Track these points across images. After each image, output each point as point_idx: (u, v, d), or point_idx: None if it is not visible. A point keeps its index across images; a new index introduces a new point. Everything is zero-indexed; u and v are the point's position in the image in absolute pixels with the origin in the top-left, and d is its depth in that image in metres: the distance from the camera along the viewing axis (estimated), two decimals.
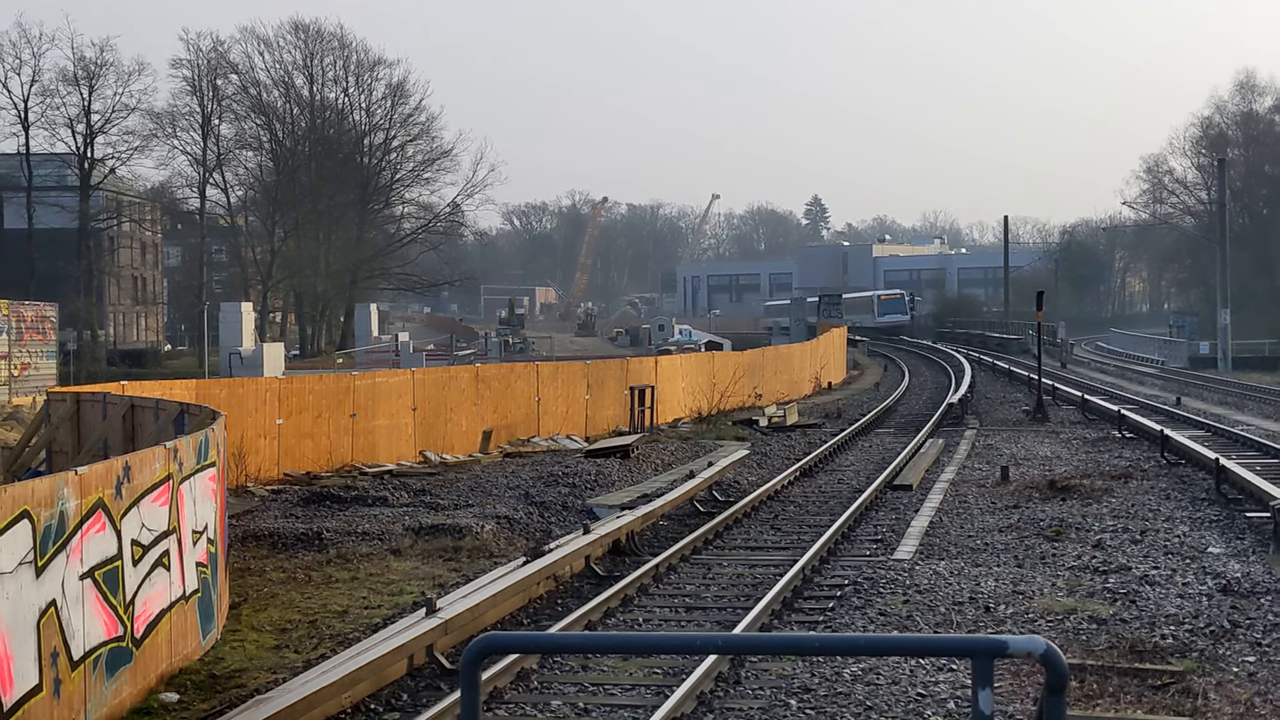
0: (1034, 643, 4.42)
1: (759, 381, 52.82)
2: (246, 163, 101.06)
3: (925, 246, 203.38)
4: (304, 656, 14.31)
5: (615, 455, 31.23)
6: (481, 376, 36.26)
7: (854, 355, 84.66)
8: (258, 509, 24.14)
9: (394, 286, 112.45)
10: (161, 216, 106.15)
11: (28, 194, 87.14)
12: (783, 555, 19.81)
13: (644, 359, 48.42)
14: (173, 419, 20.46)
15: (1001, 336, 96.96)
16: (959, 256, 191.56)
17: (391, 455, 31.68)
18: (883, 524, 22.95)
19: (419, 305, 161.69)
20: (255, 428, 27.97)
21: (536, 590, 17.03)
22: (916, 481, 27.99)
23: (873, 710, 12.09)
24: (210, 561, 14.95)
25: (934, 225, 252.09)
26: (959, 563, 19.06)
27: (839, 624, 15.58)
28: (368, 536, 21.06)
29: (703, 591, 17.60)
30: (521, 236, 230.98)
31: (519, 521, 22.90)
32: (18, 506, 10.28)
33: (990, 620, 15.68)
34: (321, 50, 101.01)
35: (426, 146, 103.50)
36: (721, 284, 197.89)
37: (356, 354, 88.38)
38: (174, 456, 13.76)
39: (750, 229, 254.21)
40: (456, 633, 14.26)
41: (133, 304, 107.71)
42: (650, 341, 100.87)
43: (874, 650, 4.28)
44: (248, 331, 71.95)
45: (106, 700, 11.75)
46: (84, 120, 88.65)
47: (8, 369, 54.63)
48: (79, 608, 11.25)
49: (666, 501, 22.95)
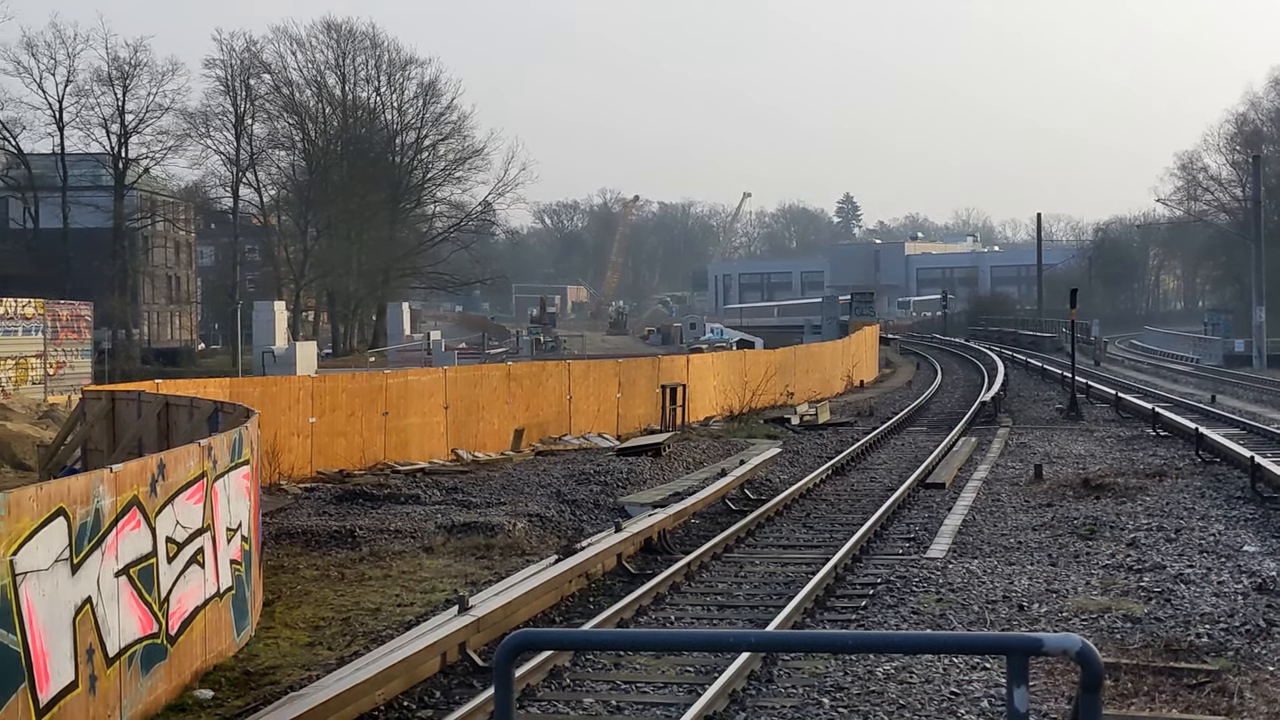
0: (1069, 641, 4.40)
1: (791, 380, 52.74)
2: (279, 162, 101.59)
3: (958, 244, 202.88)
4: (337, 653, 14.36)
5: (647, 453, 31.23)
6: (513, 375, 36.30)
7: (886, 353, 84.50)
8: (291, 507, 24.22)
9: (425, 285, 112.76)
10: (195, 216, 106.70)
11: (63, 194, 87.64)
12: (815, 553, 19.77)
13: (675, 357, 48.40)
14: (207, 417, 20.54)
15: (1035, 334, 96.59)
16: (992, 254, 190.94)
17: (424, 453, 31.75)
18: (915, 522, 22.88)
19: (450, 304, 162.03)
20: (288, 426, 28.07)
21: (569, 588, 17.04)
22: (949, 480, 27.89)
23: (906, 709, 12.05)
24: (244, 559, 15.01)
25: (966, 223, 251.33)
26: (992, 561, 18.99)
27: (871, 623, 15.54)
28: (400, 534, 21.11)
29: (735, 590, 17.58)
30: (553, 235, 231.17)
31: (551, 519, 22.92)
32: (53, 504, 10.34)
33: (1024, 619, 15.61)
34: (353, 50, 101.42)
35: (458, 145, 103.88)
36: (753, 282, 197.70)
37: (388, 352, 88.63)
38: (208, 454, 13.82)
39: (782, 227, 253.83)
40: (489, 630, 14.28)
41: (167, 303, 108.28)
42: (681, 340, 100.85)
43: (909, 648, 4.26)
44: (280, 330, 72.20)
45: (142, 697, 11.81)
46: (118, 120, 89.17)
47: (43, 368, 54.98)
48: (114, 605, 11.30)
49: (698, 500, 22.94)
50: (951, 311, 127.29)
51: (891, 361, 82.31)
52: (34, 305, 55.86)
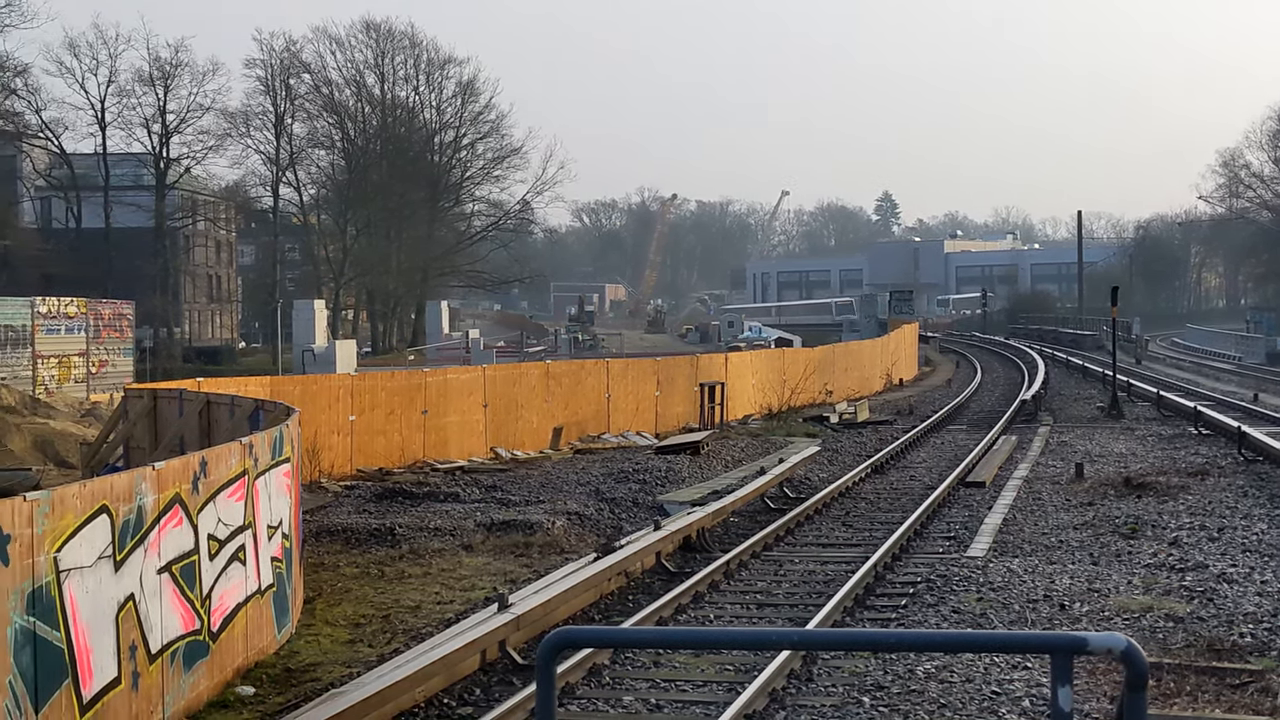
0: (1114, 640, 4.37)
1: (829, 378, 52.64)
2: (319, 161, 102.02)
3: (998, 242, 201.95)
4: (377, 651, 14.41)
5: (685, 452, 31.21)
6: (552, 373, 36.36)
7: (925, 351, 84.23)
8: (331, 505, 24.33)
9: (464, 284, 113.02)
10: (235, 215, 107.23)
11: (105, 194, 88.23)
12: (854, 552, 19.72)
13: (714, 355, 48.38)
14: (248, 415, 20.65)
15: (1075, 333, 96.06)
16: (1032, 252, 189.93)
17: (463, 451, 31.82)
18: (955, 521, 22.80)
19: (489, 302, 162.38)
20: (328, 424, 28.19)
21: (608, 586, 17.05)
22: (989, 478, 27.77)
23: (947, 708, 12.00)
24: (285, 556, 15.07)
25: (1006, 221, 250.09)
26: (1033, 560, 18.90)
27: (911, 621, 15.49)
28: (440, 532, 21.16)
29: (774, 588, 17.55)
30: (591, 234, 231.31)
31: (590, 518, 22.94)
32: (97, 501, 10.41)
33: (1065, 618, 15.53)
34: (392, 49, 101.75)
35: (496, 144, 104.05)
36: (791, 280, 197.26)
37: (427, 351, 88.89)
38: (249, 452, 13.89)
39: (820, 225, 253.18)
40: (528, 628, 14.31)
41: (208, 301, 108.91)
42: (719, 338, 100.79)
43: (952, 647, 4.24)
44: (320, 329, 72.48)
45: (184, 693, 11.88)
46: (159, 120, 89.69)
47: (86, 366, 55.37)
48: (157, 601, 11.37)
49: (737, 498, 22.92)
50: (991, 310, 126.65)
51: (931, 360, 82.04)
52: (77, 304, 56.26)
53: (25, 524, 9.36)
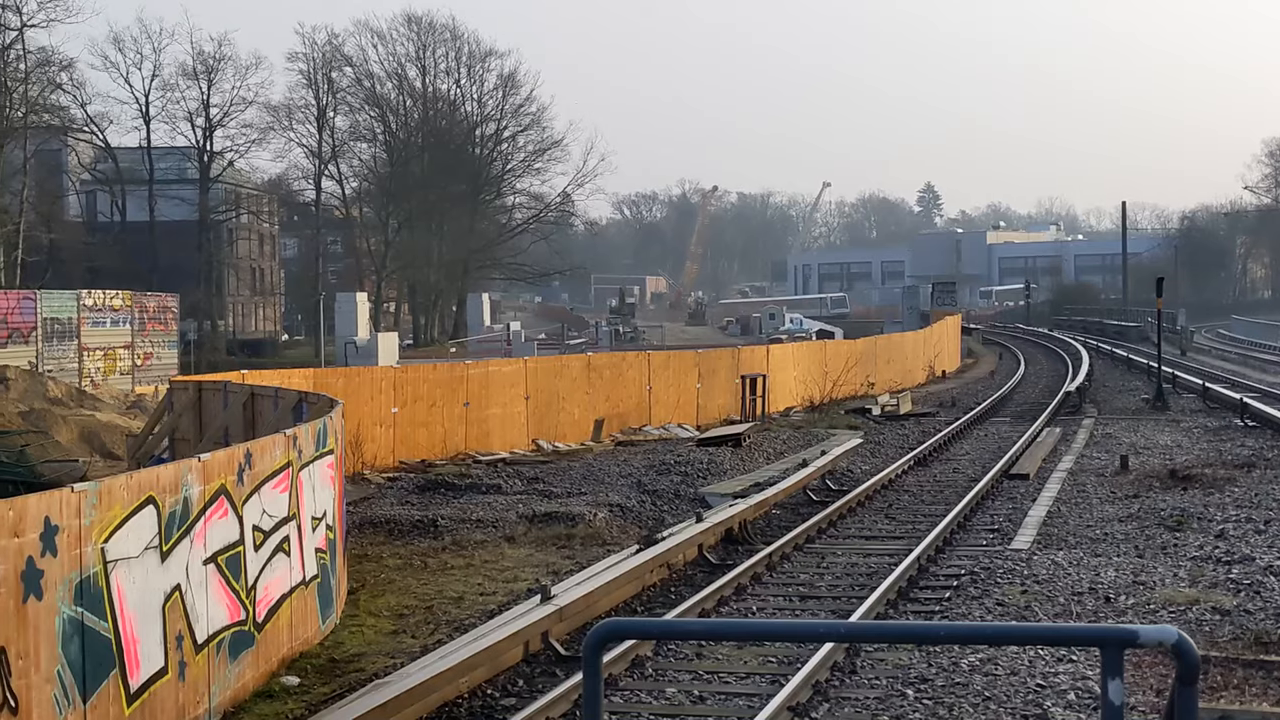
0: (1165, 633, 4.33)
1: (871, 370, 52.48)
2: (360, 154, 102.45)
3: (1041, 233, 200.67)
4: (421, 642, 14.45)
5: (727, 444, 31.17)
6: (593, 365, 36.38)
7: (968, 343, 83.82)
8: (374, 496, 24.42)
9: (505, 276, 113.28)
10: (278, 208, 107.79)
11: (149, 187, 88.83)
12: (897, 544, 19.65)
13: (755, 348, 48.28)
14: (291, 407, 20.74)
15: (1119, 324, 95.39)
16: (1076, 243, 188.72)
17: (505, 443, 31.89)
18: (999, 513, 22.69)
19: (530, 295, 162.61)
20: (371, 416, 28.30)
21: (650, 578, 17.05)
22: (1034, 471, 27.63)
23: (991, 701, 11.95)
24: (329, 548, 15.14)
25: (1050, 212, 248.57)
26: (1078, 553, 18.79)
27: (955, 614, 15.42)
28: (482, 524, 21.21)
29: (816, 580, 17.50)
30: (632, 226, 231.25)
31: (631, 509, 22.94)
32: (143, 493, 10.48)
33: (1111, 611, 15.44)
34: (434, 42, 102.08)
35: (537, 137, 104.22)
36: (832, 272, 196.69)
37: (469, 343, 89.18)
38: (294, 444, 13.94)
39: (862, 217, 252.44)
40: (571, 620, 14.33)
41: (251, 294, 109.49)
42: (761, 330, 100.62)
43: (1000, 639, 4.21)
44: (362, 321, 72.86)
45: (230, 683, 11.95)
46: (203, 114, 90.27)
47: (131, 358, 55.79)
48: (202, 592, 11.44)
49: (779, 490, 22.87)
50: (1035, 301, 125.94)
51: (974, 352, 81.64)
52: (122, 297, 56.69)
53: (73, 515, 9.43)
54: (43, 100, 73.57)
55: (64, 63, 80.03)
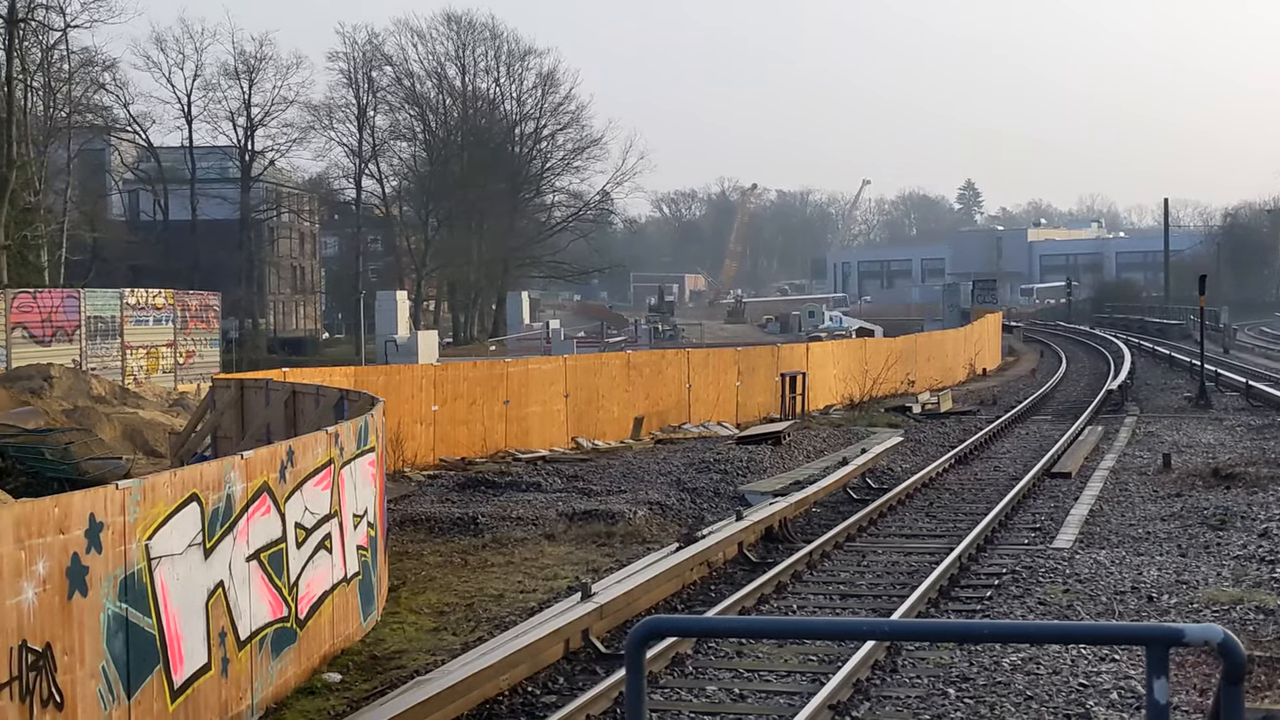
0: (1211, 631, 4.30)
1: (911, 368, 52.30)
2: (400, 153, 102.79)
3: (1082, 230, 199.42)
4: (461, 639, 14.49)
5: (767, 442, 31.13)
6: (632, 363, 36.39)
7: (1009, 341, 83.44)
8: (415, 494, 24.51)
9: (544, 274, 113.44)
10: (319, 207, 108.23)
11: (191, 186, 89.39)
12: (938, 543, 19.59)
13: (795, 346, 48.20)
14: (333, 405, 20.82)
15: (1161, 322, 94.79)
16: (1117, 240, 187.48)
17: (544, 441, 31.94)
18: (1041, 512, 22.59)
19: (569, 293, 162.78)
20: (411, 414, 28.39)
21: (690, 576, 17.04)
22: (1075, 469, 27.49)
23: (1033, 700, 11.89)
24: (370, 545, 15.19)
25: (1091, 209, 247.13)
26: (1120, 552, 18.69)
27: (997, 613, 15.37)
28: (522, 521, 21.25)
29: (857, 579, 17.47)
30: (670, 224, 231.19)
31: (671, 507, 22.94)
32: (187, 490, 10.54)
33: (1154, 610, 15.35)
34: (473, 41, 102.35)
35: (576, 135, 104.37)
36: (872, 270, 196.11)
37: (508, 341, 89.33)
38: (335, 441, 14.00)
39: (901, 214, 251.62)
40: (611, 618, 14.33)
41: (292, 293, 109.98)
42: (800, 328, 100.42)
43: (1045, 638, 4.20)
44: (403, 319, 73.06)
45: (272, 679, 12.01)
46: (244, 113, 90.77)
47: (174, 356, 56.14)
48: (245, 589, 11.50)
49: (819, 488, 22.83)
50: (1076, 299, 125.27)
51: (1015, 349, 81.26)
52: (164, 295, 57.05)
53: (117, 512, 9.50)
54: (86, 100, 74.07)
55: (107, 63, 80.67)
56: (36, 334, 49.21)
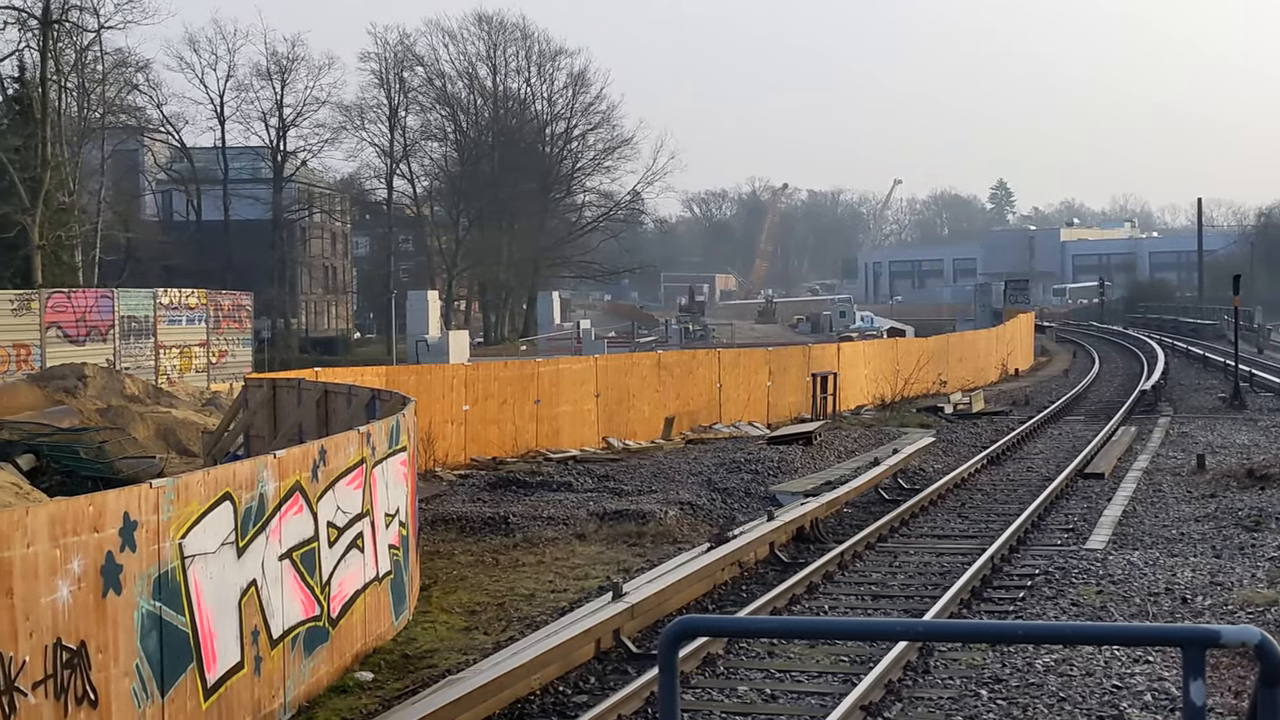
0: (1248, 633, 4.27)
1: (943, 368, 52.14)
2: (432, 154, 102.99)
3: (1115, 230, 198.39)
4: (493, 638, 14.51)
5: (798, 442, 31.06)
6: (663, 363, 36.38)
7: (1042, 341, 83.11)
8: (446, 493, 24.55)
9: (575, 274, 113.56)
10: (350, 207, 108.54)
11: (224, 187, 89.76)
12: (971, 544, 19.52)
13: (826, 346, 48.12)
14: (364, 404, 20.87)
15: (1195, 322, 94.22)
16: (1150, 240, 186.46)
17: (575, 441, 31.96)
18: (1074, 513, 22.49)
19: (599, 293, 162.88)
20: (443, 413, 28.44)
21: (721, 576, 17.03)
22: (1108, 470, 27.36)
23: (1066, 702, 11.84)
24: (402, 544, 15.23)
25: (1124, 209, 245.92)
26: (1154, 553, 18.59)
27: (1030, 614, 15.30)
28: (553, 521, 21.27)
29: (889, 580, 17.42)
30: (701, 224, 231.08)
31: (702, 507, 22.92)
32: (220, 489, 10.58)
33: (1188, 611, 15.26)
34: (504, 41, 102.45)
35: (607, 135, 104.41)
36: (903, 270, 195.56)
37: (539, 341, 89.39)
38: (367, 441, 14.04)
39: (933, 214, 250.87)
40: (642, 617, 14.33)
41: (323, 292, 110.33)
42: (831, 328, 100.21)
43: (1080, 639, 4.17)
44: (434, 319, 73.19)
45: (304, 678, 12.05)
46: (276, 114, 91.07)
47: (206, 356, 56.39)
48: (278, 587, 11.54)
49: (851, 488, 22.78)
50: (1109, 299, 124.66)
51: (1047, 349, 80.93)
52: (197, 295, 57.30)
53: (151, 510, 9.54)
54: (120, 101, 74.46)
55: (140, 64, 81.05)
56: (71, 333, 49.49)
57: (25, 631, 8.28)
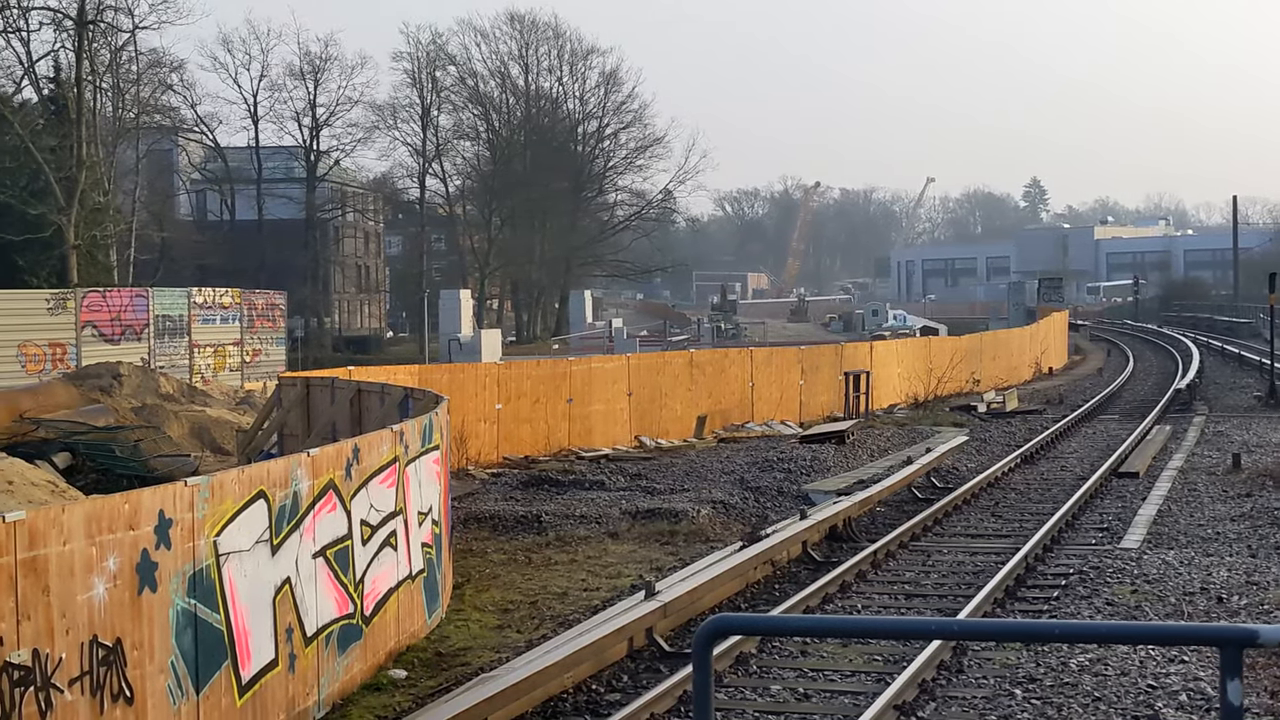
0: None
1: (976, 367, 51.96)
2: (464, 153, 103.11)
3: (1150, 228, 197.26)
4: (526, 636, 14.52)
5: (830, 441, 31.00)
6: (695, 362, 36.35)
7: (1075, 340, 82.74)
8: (478, 492, 24.59)
9: (607, 273, 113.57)
10: (383, 206, 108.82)
11: (258, 186, 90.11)
12: (1004, 543, 19.45)
13: (859, 344, 48.02)
14: (397, 403, 20.91)
15: (1230, 320, 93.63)
16: (1185, 238, 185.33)
17: (607, 440, 31.97)
18: (1108, 512, 22.39)
19: (631, 291, 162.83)
20: (475, 412, 28.48)
21: (754, 575, 17.01)
22: (1143, 469, 27.22)
23: (1101, 701, 11.78)
24: (435, 542, 15.26)
25: (1158, 206, 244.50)
26: (1189, 552, 18.49)
27: (1064, 613, 15.24)
28: (585, 520, 21.28)
29: (922, 579, 17.37)
30: (733, 222, 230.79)
31: (734, 506, 22.90)
32: (254, 487, 10.63)
33: (1223, 611, 15.17)
34: (536, 40, 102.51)
35: (639, 134, 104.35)
36: (936, 268, 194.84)
37: (571, 340, 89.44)
38: (400, 439, 14.07)
39: (966, 212, 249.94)
40: (675, 616, 14.32)
41: (356, 291, 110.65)
42: (863, 327, 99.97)
43: (1117, 638, 4.15)
44: (466, 318, 73.28)
45: (338, 676, 12.09)
46: (310, 114, 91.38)
47: (240, 355, 56.60)
48: (312, 585, 11.58)
49: (884, 487, 22.72)
50: (1143, 297, 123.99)
51: (1081, 348, 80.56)
52: (231, 294, 57.52)
53: (186, 508, 9.59)
54: (154, 101, 74.79)
55: (174, 64, 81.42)
56: (106, 332, 49.77)
57: (62, 629, 8.34)
